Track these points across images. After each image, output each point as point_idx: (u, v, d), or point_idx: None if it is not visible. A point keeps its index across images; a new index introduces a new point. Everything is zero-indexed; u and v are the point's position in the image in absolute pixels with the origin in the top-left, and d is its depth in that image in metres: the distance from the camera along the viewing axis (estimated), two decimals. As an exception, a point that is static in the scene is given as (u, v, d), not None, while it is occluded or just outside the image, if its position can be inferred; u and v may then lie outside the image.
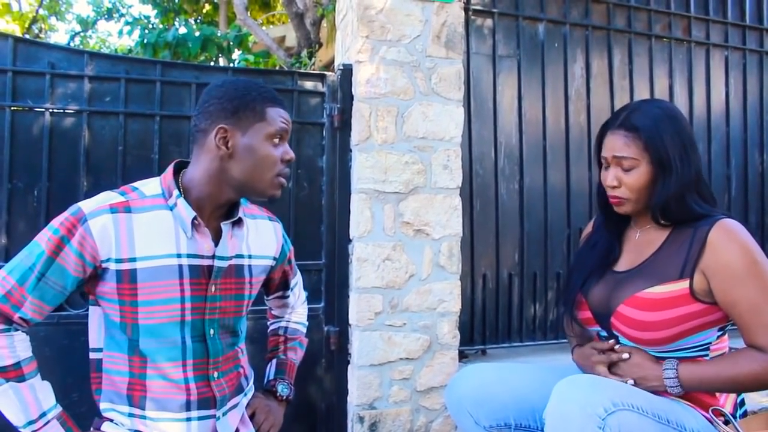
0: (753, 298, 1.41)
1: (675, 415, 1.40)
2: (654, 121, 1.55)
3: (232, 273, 1.45)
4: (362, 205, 2.55)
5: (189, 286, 1.37)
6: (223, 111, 1.37)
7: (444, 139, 2.68)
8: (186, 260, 1.36)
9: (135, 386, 1.37)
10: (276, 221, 1.64)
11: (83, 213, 1.31)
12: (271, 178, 1.40)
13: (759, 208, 3.60)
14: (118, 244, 1.31)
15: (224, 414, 1.44)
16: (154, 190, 1.40)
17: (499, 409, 1.64)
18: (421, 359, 2.63)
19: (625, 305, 1.52)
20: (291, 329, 1.79)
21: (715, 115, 3.50)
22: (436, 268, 2.66)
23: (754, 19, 3.62)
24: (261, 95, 1.40)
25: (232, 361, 1.49)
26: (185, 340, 1.38)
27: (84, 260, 1.30)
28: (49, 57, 2.37)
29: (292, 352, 1.75)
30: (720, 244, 1.46)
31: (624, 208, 1.61)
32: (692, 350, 1.50)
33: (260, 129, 1.38)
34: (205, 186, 1.39)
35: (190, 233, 1.37)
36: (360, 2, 2.56)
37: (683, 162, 1.53)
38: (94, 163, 2.40)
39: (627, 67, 3.28)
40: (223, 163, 1.38)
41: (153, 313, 1.34)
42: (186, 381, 1.38)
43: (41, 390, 1.34)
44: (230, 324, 1.46)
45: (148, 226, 1.35)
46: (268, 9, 9.11)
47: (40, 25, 14.38)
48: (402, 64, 2.62)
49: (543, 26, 3.08)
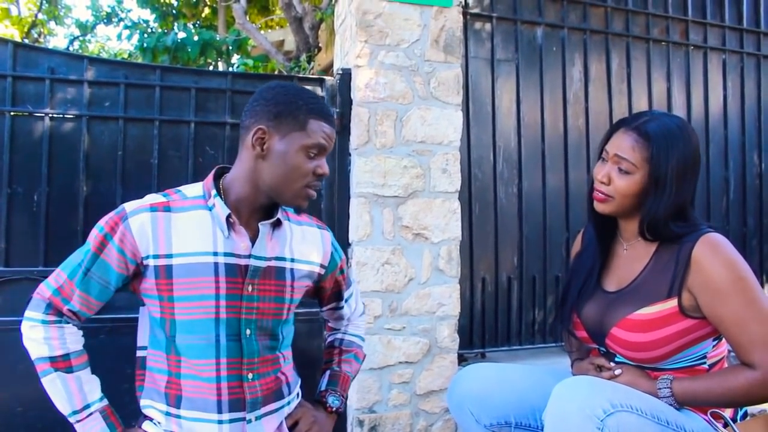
0: (738, 314, 1.41)
1: (674, 417, 1.40)
2: (667, 138, 1.53)
3: (272, 274, 1.45)
4: (361, 209, 2.56)
5: (225, 284, 1.39)
6: (267, 113, 1.39)
7: (443, 143, 2.68)
8: (222, 258, 1.39)
9: (172, 385, 1.41)
10: (325, 230, 1.63)
11: (125, 212, 1.39)
12: (299, 188, 1.40)
13: (757, 211, 3.60)
14: (155, 240, 1.37)
15: (258, 418, 1.43)
16: (195, 192, 1.45)
17: (500, 407, 1.65)
18: (420, 363, 2.63)
19: (618, 328, 1.53)
20: (347, 341, 1.76)
21: (713, 118, 3.51)
22: (436, 272, 2.67)
23: (752, 23, 3.63)
24: (307, 105, 1.40)
25: (271, 365, 1.47)
26: (219, 338, 1.39)
27: (125, 256, 1.37)
28: (48, 62, 2.38)
29: (347, 365, 1.71)
30: (704, 261, 1.45)
31: (603, 207, 1.61)
32: (689, 361, 1.51)
33: (298, 138, 1.38)
34: (242, 186, 1.42)
35: (227, 232, 1.40)
36: (359, 7, 2.57)
37: (678, 187, 1.52)
38: (93, 168, 2.41)
39: (625, 71, 3.29)
40: (257, 163, 1.40)
41: (188, 308, 1.38)
42: (218, 380, 1.39)
43: (87, 383, 1.40)
44: (269, 326, 1.46)
45: (187, 225, 1.40)
46: (267, 13, 9.12)
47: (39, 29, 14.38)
48: (401, 69, 2.63)
49: (541, 30, 3.09)
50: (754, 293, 1.42)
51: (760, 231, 3.60)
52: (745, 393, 1.41)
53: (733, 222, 3.52)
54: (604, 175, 1.59)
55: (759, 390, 1.40)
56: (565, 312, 1.72)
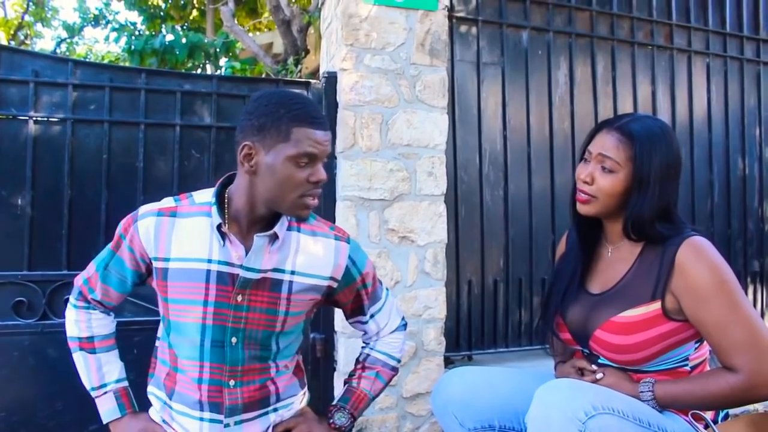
0: (720, 317, 1.41)
1: (656, 419, 1.41)
2: (651, 138, 1.54)
3: (266, 286, 1.44)
4: (347, 212, 2.56)
5: (214, 292, 1.41)
6: (251, 127, 1.37)
7: (428, 147, 2.69)
8: (216, 266, 1.41)
9: (170, 377, 1.48)
10: (344, 241, 1.56)
11: (137, 215, 1.47)
12: (295, 198, 1.38)
13: (741, 213, 3.63)
14: (157, 244, 1.43)
15: (237, 423, 1.44)
16: (205, 198, 1.48)
17: (484, 411, 1.65)
18: (407, 366, 2.64)
19: (602, 330, 1.53)
20: (371, 359, 1.68)
21: (697, 121, 3.53)
22: (422, 275, 2.67)
23: (735, 27, 3.66)
24: (290, 113, 1.35)
25: (258, 374, 1.46)
26: (204, 343, 1.42)
27: (135, 255, 1.47)
28: (33, 65, 2.37)
29: (367, 382, 1.64)
30: (687, 265, 1.45)
31: (587, 208, 1.60)
32: (672, 362, 1.52)
33: (283, 150, 1.34)
34: (240, 198, 1.43)
35: (222, 241, 1.40)
36: (344, 11, 2.58)
37: (662, 187, 1.53)
38: (78, 172, 2.40)
39: (610, 74, 3.31)
40: (250, 178, 1.39)
41: (179, 311, 1.43)
42: (200, 381, 1.43)
43: (107, 363, 1.54)
44: (258, 337, 1.45)
45: (187, 231, 1.43)
46: (255, 16, 9.12)
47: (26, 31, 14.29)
48: (386, 72, 2.64)
49: (527, 34, 3.11)
50: (736, 297, 1.43)
51: (744, 233, 3.63)
52: (726, 396, 1.41)
53: (717, 224, 3.55)
54: (587, 175, 1.59)
55: (740, 393, 1.40)
56: (548, 314, 1.72)
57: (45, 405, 2.30)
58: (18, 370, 2.27)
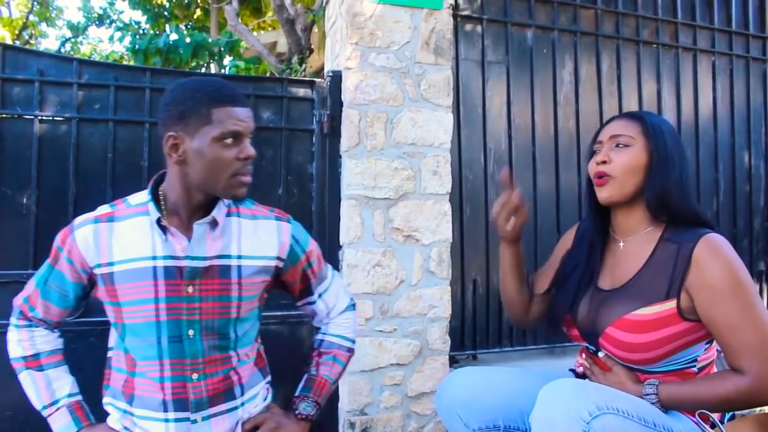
0: (732, 317, 1.40)
1: (661, 419, 1.39)
2: (657, 119, 1.58)
3: (215, 274, 1.44)
4: (352, 211, 2.56)
5: (164, 287, 1.40)
6: (172, 117, 1.38)
7: (433, 145, 2.69)
8: (162, 262, 1.41)
9: (128, 383, 1.45)
10: (285, 221, 1.58)
11: (73, 225, 1.45)
12: (227, 179, 1.39)
13: (747, 212, 3.62)
14: (98, 251, 1.42)
15: (204, 419, 1.43)
16: (140, 199, 1.48)
17: (488, 411, 1.65)
18: (411, 365, 2.64)
19: (614, 327, 1.51)
20: (326, 343, 1.69)
21: (702, 119, 3.52)
22: (426, 274, 2.67)
23: (740, 25, 3.65)
24: (207, 96, 1.36)
25: (220, 364, 1.46)
26: (161, 340, 1.41)
27: (75, 266, 1.44)
28: (38, 64, 2.37)
29: (325, 368, 1.65)
30: (705, 262, 1.44)
31: (607, 191, 1.57)
32: (680, 363, 1.51)
33: (207, 132, 1.36)
34: (174, 190, 1.43)
35: (164, 235, 1.40)
36: (349, 9, 2.57)
37: (681, 161, 1.54)
38: (83, 171, 2.41)
39: (615, 73, 3.30)
40: (180, 168, 1.40)
41: (132, 313, 1.42)
42: (162, 380, 1.41)
43: (57, 380, 1.50)
44: (216, 326, 1.45)
45: (127, 233, 1.43)
46: (259, 15, 9.11)
47: (31, 31, 14.32)
48: (391, 71, 2.63)
49: (531, 32, 3.10)
50: (751, 299, 1.41)
51: (750, 232, 3.62)
52: (731, 399, 1.40)
53: (723, 223, 3.53)
54: (603, 156, 1.57)
55: (746, 396, 1.39)
56: (557, 311, 1.71)
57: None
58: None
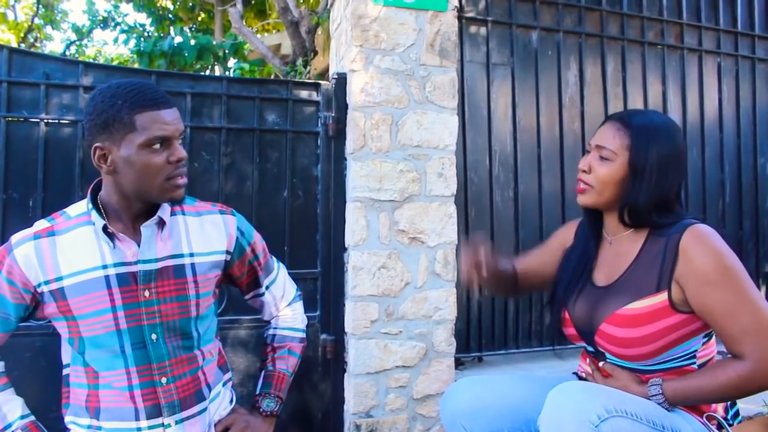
0: (727, 304, 1.40)
1: (670, 421, 1.39)
2: (649, 129, 1.55)
3: (170, 274, 1.42)
4: (357, 213, 2.56)
5: (120, 295, 1.37)
6: (95, 127, 1.34)
7: (438, 147, 2.69)
8: (113, 270, 1.37)
9: (91, 398, 1.40)
10: (229, 214, 1.57)
11: (10, 244, 1.38)
12: (161, 183, 1.36)
13: (753, 214, 3.61)
14: (43, 267, 1.36)
15: (178, 422, 1.42)
16: (80, 209, 1.44)
17: (494, 420, 1.64)
18: (417, 367, 2.63)
19: (607, 323, 1.52)
20: (279, 337, 1.69)
21: (708, 121, 3.52)
22: (432, 276, 2.67)
23: (746, 26, 3.64)
24: (128, 102, 1.32)
25: (188, 365, 1.45)
26: (124, 349, 1.38)
27: (17, 287, 1.37)
28: (44, 67, 2.37)
29: (282, 362, 1.66)
30: (691, 251, 1.44)
31: (585, 198, 1.61)
32: (679, 360, 1.50)
33: (133, 140, 1.32)
34: (113, 199, 1.41)
35: (112, 242, 1.38)
36: (354, 11, 2.58)
37: (660, 178, 1.53)
38: (89, 174, 2.40)
39: (620, 74, 3.30)
40: (113, 177, 1.37)
41: (90, 325, 1.37)
42: (130, 388, 1.39)
43: (6, 403, 1.41)
44: (178, 326, 1.43)
45: (72, 245, 1.38)
46: (263, 17, 9.13)
47: (36, 34, 14.35)
48: (396, 73, 2.63)
49: (536, 34, 3.10)
50: (742, 283, 1.41)
51: (756, 234, 3.61)
52: (735, 386, 1.39)
53: (729, 225, 3.52)
54: (585, 164, 1.60)
55: (748, 382, 1.38)
56: (556, 309, 1.71)
57: (56, 406, 2.27)
58: (30, 371, 2.27)
